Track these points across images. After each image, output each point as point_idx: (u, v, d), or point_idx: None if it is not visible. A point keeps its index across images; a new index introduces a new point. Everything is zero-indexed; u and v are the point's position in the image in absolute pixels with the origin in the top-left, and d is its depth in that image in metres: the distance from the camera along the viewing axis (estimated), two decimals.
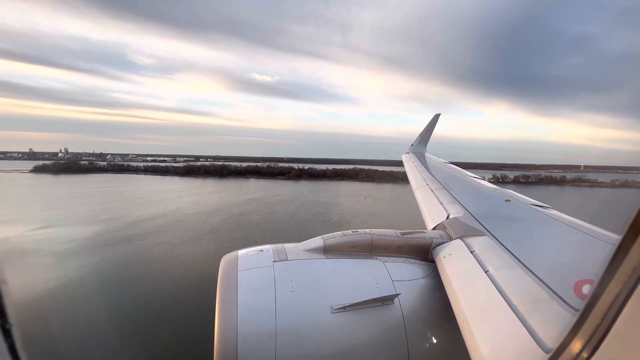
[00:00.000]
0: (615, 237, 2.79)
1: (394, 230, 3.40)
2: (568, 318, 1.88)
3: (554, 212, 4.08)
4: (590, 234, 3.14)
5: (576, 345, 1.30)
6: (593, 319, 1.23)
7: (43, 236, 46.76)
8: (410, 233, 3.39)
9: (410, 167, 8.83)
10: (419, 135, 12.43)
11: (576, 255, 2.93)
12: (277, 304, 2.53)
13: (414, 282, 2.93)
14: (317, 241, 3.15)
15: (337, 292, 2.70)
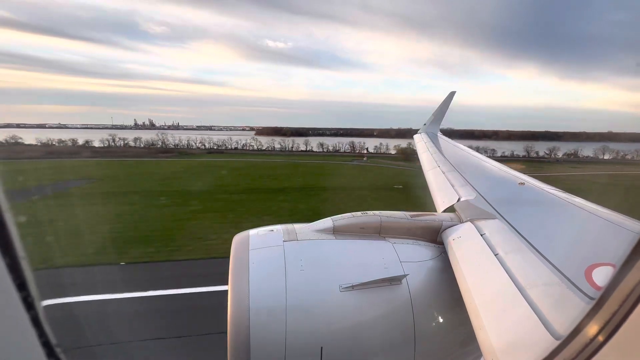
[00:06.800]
0: (637, 224, 2.90)
1: (404, 212, 3.40)
2: (577, 303, 1.92)
3: (570, 196, 3.97)
4: (608, 220, 3.07)
5: (590, 331, 1.25)
6: (610, 305, 1.18)
7: None
8: (420, 215, 3.38)
9: (422, 148, 8.60)
10: (432, 114, 11.73)
11: (591, 241, 2.90)
12: (287, 282, 2.60)
13: (422, 264, 2.94)
14: (326, 222, 3.19)
15: (346, 271, 2.75)
